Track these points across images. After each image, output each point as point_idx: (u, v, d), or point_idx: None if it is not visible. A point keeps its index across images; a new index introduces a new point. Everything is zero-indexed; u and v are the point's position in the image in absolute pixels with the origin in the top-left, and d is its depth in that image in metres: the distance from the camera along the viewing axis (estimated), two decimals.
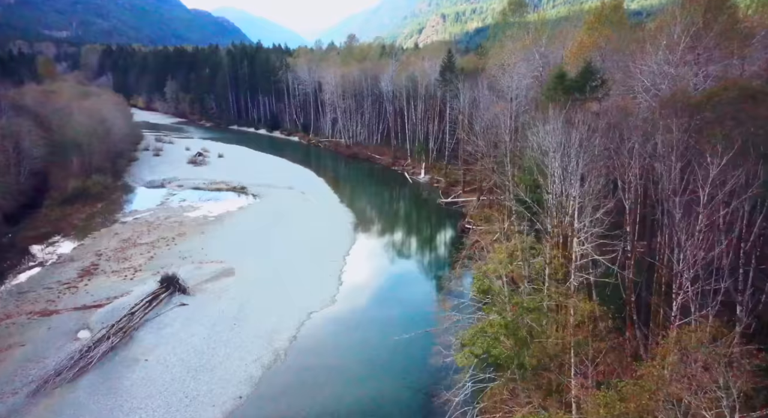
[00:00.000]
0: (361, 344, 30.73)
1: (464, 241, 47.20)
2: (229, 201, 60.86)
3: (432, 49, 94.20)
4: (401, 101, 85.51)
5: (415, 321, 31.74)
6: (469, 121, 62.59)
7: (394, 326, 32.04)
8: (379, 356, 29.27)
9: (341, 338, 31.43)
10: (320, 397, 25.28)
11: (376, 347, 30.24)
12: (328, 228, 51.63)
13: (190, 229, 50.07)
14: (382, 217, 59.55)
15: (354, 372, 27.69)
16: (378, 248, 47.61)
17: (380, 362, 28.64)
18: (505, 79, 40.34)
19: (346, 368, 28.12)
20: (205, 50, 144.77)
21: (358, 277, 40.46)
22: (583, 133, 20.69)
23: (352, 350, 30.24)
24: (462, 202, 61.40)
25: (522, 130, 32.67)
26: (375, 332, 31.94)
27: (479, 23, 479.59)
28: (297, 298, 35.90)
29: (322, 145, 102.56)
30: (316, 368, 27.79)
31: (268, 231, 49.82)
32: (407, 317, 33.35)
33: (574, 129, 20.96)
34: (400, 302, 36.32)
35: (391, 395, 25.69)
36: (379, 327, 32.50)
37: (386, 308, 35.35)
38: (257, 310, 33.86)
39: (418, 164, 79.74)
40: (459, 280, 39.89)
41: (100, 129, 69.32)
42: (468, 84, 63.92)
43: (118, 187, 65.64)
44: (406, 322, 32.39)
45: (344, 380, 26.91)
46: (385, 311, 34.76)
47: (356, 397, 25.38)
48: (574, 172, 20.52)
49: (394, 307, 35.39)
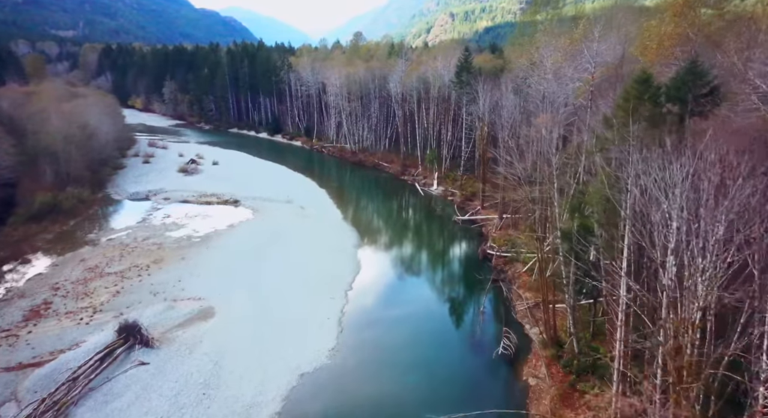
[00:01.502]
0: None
1: (488, 275, 40.24)
2: (219, 217, 54.15)
3: (445, 48, 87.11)
4: (411, 104, 78.55)
5: (438, 396, 24.92)
6: (491, 129, 55.61)
7: (410, 400, 25.15)
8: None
9: (340, 413, 24.53)
10: None
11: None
12: (329, 253, 44.79)
13: (169, 254, 43.38)
14: (391, 238, 52.51)
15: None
16: (385, 280, 40.57)
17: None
18: (548, 83, 33.25)
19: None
20: (204, 49, 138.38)
21: (363, 321, 33.56)
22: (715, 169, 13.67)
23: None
24: (481, 220, 54.32)
25: (577, 150, 25.80)
26: (386, 407, 24.98)
27: (489, 22, 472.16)
28: (286, 350, 29.13)
29: (326, 150, 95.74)
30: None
31: (260, 256, 43.06)
32: (426, 388, 26.36)
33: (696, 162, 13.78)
34: (414, 363, 28.91)
35: None
36: (391, 399, 25.52)
37: (398, 370, 28.25)
38: (235, 371, 27.05)
39: (429, 174, 72.69)
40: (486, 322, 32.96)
41: (80, 135, 62.87)
42: (487, 86, 56.81)
43: (98, 200, 59.10)
44: (425, 395, 25.48)
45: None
46: (396, 375, 27.71)
47: None
48: (710, 233, 13.44)
49: (408, 370, 28.16)
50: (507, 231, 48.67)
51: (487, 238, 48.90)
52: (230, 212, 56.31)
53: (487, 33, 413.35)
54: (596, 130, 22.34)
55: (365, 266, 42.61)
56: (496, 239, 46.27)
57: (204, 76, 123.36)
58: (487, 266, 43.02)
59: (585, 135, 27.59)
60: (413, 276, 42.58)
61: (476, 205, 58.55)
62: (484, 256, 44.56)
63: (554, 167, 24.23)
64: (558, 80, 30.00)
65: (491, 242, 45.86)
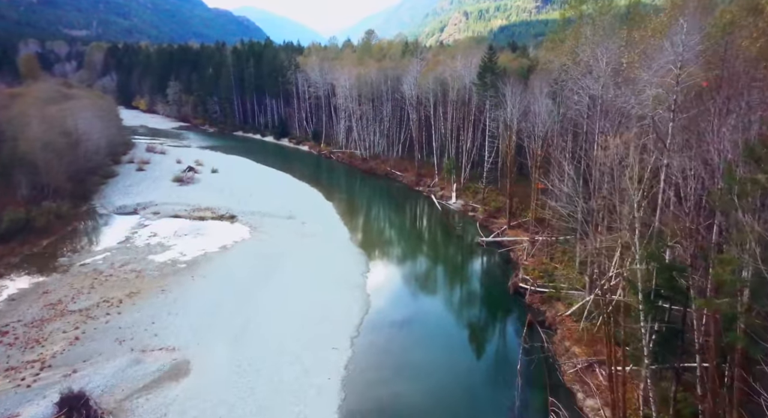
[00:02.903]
0: None
1: (522, 316, 33.51)
2: (212, 237, 48.02)
3: (464, 47, 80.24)
4: (427, 108, 71.92)
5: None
6: (519, 138, 48.85)
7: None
8: None
9: None
10: None
11: None
12: (334, 284, 38.35)
13: (147, 284, 37.25)
14: (404, 265, 45.84)
15: None
16: (398, 322, 33.89)
17: None
18: (606, 88, 26.30)
19: None
20: (209, 48, 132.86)
21: (372, 380, 27.04)
22: None
23: None
24: (509, 242, 47.48)
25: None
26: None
27: (503, 21, 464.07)
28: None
29: (335, 156, 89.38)
30: None
31: (251, 290, 36.79)
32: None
33: None
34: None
35: None
36: None
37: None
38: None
39: (447, 185, 65.95)
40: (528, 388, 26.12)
41: (63, 141, 57.21)
42: (515, 89, 50.01)
43: (79, 214, 53.28)
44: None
45: None
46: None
47: None
48: None
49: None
50: (541, 258, 41.83)
51: (517, 266, 42.08)
52: (225, 230, 50.16)
53: (501, 32, 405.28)
54: (725, 164, 15.59)
55: (375, 302, 36.06)
56: (529, 269, 39.42)
57: (208, 76, 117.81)
58: (519, 303, 36.29)
59: (664, 158, 20.76)
60: (431, 317, 35.82)
61: (502, 223, 51.73)
62: (515, 290, 37.76)
63: (635, 208, 17.49)
64: (625, 85, 23.41)
65: (523, 273, 39.01)
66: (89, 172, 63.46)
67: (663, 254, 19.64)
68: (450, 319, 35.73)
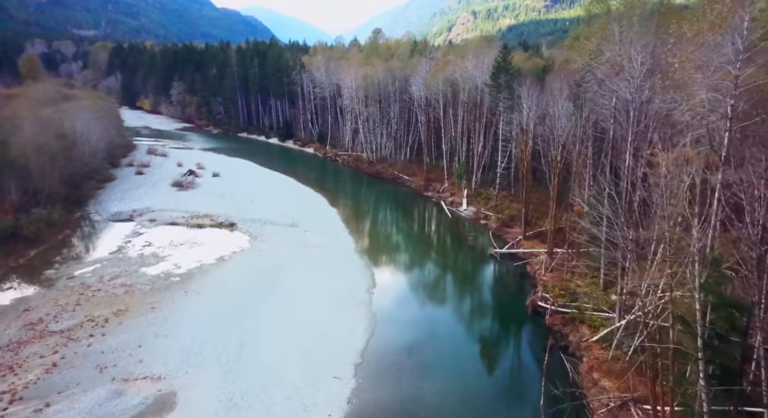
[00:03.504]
0: None
1: (542, 339, 30.56)
2: (209, 246, 45.39)
3: (475, 46, 77.07)
4: (437, 109, 68.96)
5: None
6: (536, 143, 45.84)
7: None
8: None
9: None
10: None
11: None
12: (336, 302, 35.56)
13: (137, 300, 34.67)
14: (413, 279, 42.87)
15: None
16: (406, 345, 30.93)
17: None
18: (641, 91, 23.30)
19: None
20: (213, 48, 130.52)
21: (377, 415, 24.24)
22: None
23: None
24: (525, 254, 44.46)
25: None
26: None
27: (512, 20, 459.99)
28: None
29: (341, 159, 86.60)
30: None
31: (247, 308, 34.12)
32: None
33: None
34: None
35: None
36: None
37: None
38: None
39: (457, 190, 63.00)
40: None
41: (58, 144, 54.89)
42: (531, 91, 46.96)
43: (72, 222, 50.89)
44: None
45: None
46: None
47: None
48: None
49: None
50: (561, 273, 38.78)
51: (535, 281, 39.10)
52: (223, 239, 47.50)
53: (510, 31, 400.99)
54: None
55: (382, 322, 33.23)
56: (549, 286, 36.38)
57: (212, 76, 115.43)
58: (539, 325, 33.34)
59: (719, 174, 17.72)
60: (442, 340, 32.78)
61: (516, 233, 48.70)
62: (534, 309, 34.78)
63: (695, 240, 14.50)
64: (673, 88, 20.41)
65: (542, 290, 35.98)
66: (85, 176, 61.20)
67: (721, 287, 16.65)
68: (463, 342, 32.75)
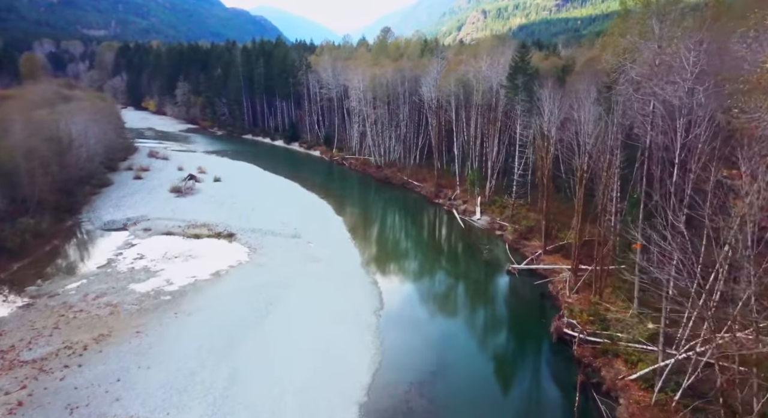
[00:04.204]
0: None
1: (571, 373, 27.03)
2: (205, 260, 42.33)
3: (487, 45, 73.27)
4: (448, 112, 65.45)
5: None
6: (558, 150, 42.25)
7: None
8: None
9: None
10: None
11: None
12: (339, 325, 32.31)
13: (122, 323, 31.63)
14: (424, 300, 39.25)
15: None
16: (418, 383, 27.44)
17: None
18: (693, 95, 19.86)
19: None
20: (219, 47, 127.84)
21: None
22: None
23: None
24: (546, 271, 40.88)
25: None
26: None
27: (523, 19, 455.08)
28: None
29: (348, 163, 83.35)
30: None
31: (243, 330, 31.00)
32: None
33: None
34: None
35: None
36: None
37: None
38: None
39: (470, 198, 59.48)
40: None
41: (50, 148, 52.23)
42: (553, 93, 43.34)
43: (62, 231, 48.09)
44: None
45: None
46: None
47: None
48: None
49: None
50: (587, 294, 35.18)
51: (558, 303, 35.56)
52: (220, 251, 44.44)
53: (520, 31, 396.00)
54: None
55: (390, 350, 29.88)
56: (575, 310, 32.78)
57: (217, 76, 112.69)
58: (565, 356, 29.79)
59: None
60: (458, 373, 29.17)
61: (536, 247, 45.09)
62: (559, 337, 31.24)
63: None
64: (748, 95, 16.97)
65: (568, 315, 32.40)
66: (80, 181, 58.43)
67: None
68: (480, 376, 29.21)
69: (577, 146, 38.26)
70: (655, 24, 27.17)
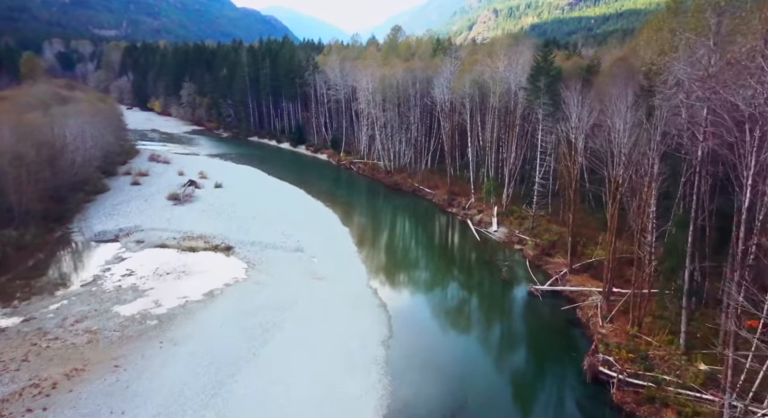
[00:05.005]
0: None
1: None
2: (198, 277, 38.91)
3: (503, 44, 69.01)
4: (463, 115, 61.57)
5: None
6: (587, 159, 38.31)
7: None
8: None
9: None
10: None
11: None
12: (343, 359, 28.65)
13: (100, 355, 28.20)
14: (437, 327, 35.36)
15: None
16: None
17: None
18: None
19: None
20: (225, 47, 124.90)
21: None
22: None
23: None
24: (573, 293, 36.88)
25: None
26: None
27: (535, 18, 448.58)
28: None
29: (356, 167, 79.75)
30: None
31: (233, 365, 27.45)
32: None
33: None
34: None
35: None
36: None
37: None
38: None
39: (486, 207, 55.59)
40: None
41: (44, 154, 49.26)
42: (583, 96, 39.25)
43: (48, 243, 44.90)
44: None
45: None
46: None
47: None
48: None
49: None
50: (623, 323, 31.15)
51: (589, 332, 31.61)
52: (216, 267, 41.01)
53: (532, 30, 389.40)
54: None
55: (399, 390, 26.13)
56: (611, 344, 28.78)
57: (222, 77, 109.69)
58: (603, 400, 25.83)
59: None
60: (475, 415, 25.55)
61: (560, 265, 41.10)
62: (593, 376, 27.27)
63: None
64: None
65: (603, 350, 28.41)
66: (73, 188, 55.30)
67: None
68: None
69: (609, 156, 34.25)
70: (712, 19, 23.15)
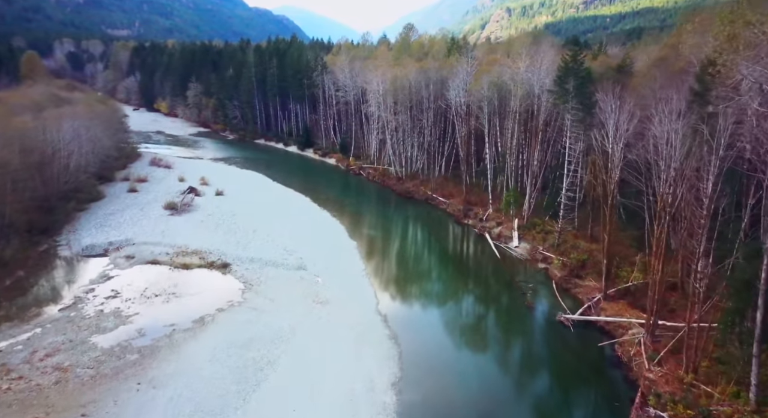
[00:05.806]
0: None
1: None
2: (190, 300, 35.25)
3: (522, 43, 64.47)
4: (480, 119, 57.26)
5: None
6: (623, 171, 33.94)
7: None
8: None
9: None
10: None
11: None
12: (346, 405, 24.62)
13: (66, 400, 24.50)
14: (453, 362, 31.06)
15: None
16: None
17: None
18: None
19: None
20: (231, 47, 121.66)
21: None
22: None
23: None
24: (609, 323, 32.52)
25: None
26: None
27: (549, 17, 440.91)
28: None
29: (365, 173, 75.78)
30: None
31: (223, 413, 23.58)
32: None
33: None
34: None
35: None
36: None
37: None
38: None
39: (506, 220, 51.28)
40: None
41: (29, 161, 45.99)
42: (619, 101, 34.83)
43: (31, 259, 41.42)
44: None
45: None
46: None
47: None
48: None
49: None
50: (675, 366, 26.70)
51: (632, 374, 27.25)
52: (210, 288, 37.28)
53: (547, 28, 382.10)
54: None
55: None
56: (662, 395, 24.40)
57: (228, 77, 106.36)
58: None
59: None
60: None
61: (592, 289, 36.70)
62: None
63: None
64: None
65: (653, 403, 24.06)
66: (64, 196, 51.98)
67: None
68: None
69: (655, 168, 29.82)
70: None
